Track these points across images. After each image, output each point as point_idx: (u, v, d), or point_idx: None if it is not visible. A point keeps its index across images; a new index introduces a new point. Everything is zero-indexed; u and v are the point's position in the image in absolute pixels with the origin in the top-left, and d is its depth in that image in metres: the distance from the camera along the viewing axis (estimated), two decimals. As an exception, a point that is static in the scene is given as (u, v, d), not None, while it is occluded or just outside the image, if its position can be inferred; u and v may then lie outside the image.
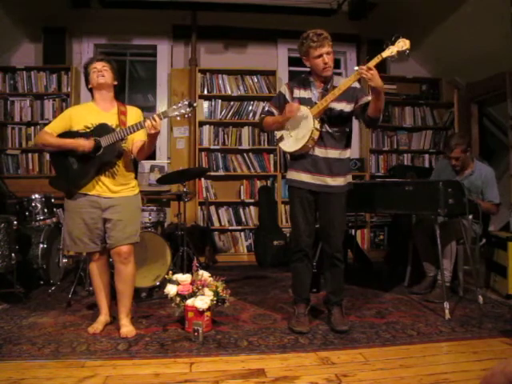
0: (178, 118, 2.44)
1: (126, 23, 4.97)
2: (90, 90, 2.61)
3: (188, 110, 2.37)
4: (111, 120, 2.51)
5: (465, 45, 4.51)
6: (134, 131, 2.42)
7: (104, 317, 2.61)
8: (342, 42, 5.18)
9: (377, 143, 5.30)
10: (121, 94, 5.29)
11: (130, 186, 2.59)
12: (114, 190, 2.51)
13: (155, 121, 2.33)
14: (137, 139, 2.55)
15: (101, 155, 2.44)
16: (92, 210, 2.49)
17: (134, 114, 2.61)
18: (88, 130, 2.47)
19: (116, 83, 2.62)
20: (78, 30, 4.96)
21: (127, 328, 2.50)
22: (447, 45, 4.74)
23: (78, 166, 2.48)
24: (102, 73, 2.52)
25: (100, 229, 2.52)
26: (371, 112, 2.40)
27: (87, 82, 2.60)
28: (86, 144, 2.41)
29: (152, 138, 2.43)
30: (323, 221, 2.59)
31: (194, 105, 2.40)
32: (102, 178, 2.49)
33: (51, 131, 2.51)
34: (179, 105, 2.38)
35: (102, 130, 2.46)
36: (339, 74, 5.26)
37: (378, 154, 5.31)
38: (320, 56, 2.44)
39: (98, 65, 2.54)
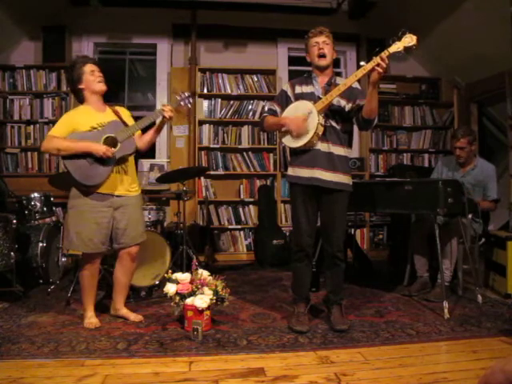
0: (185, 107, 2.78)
1: (125, 22, 4.97)
2: (78, 91, 2.57)
3: (188, 101, 2.69)
4: (110, 119, 2.58)
5: (464, 44, 4.51)
6: (146, 125, 2.55)
7: (93, 312, 2.65)
8: (341, 41, 5.16)
9: (376, 143, 5.31)
10: (120, 93, 5.31)
11: (137, 184, 2.70)
12: (127, 188, 2.59)
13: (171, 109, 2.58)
14: (138, 132, 2.67)
15: (119, 151, 2.50)
16: (105, 209, 2.52)
17: (125, 113, 2.72)
18: (100, 129, 2.51)
19: None
20: (78, 29, 4.95)
21: (134, 314, 2.69)
22: (447, 44, 4.74)
23: (96, 164, 2.47)
24: (102, 78, 2.58)
25: (110, 229, 2.55)
26: (367, 112, 2.40)
27: (77, 81, 2.54)
28: (106, 151, 2.43)
29: (161, 127, 2.65)
30: (325, 220, 2.59)
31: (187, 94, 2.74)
32: (117, 175, 2.54)
33: (59, 135, 2.47)
34: (182, 96, 2.67)
35: (114, 126, 2.53)
36: (338, 74, 5.26)
37: (377, 154, 5.32)
38: (315, 44, 2.53)
39: (96, 68, 2.58)
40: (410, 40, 2.24)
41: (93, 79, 2.54)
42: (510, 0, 3.62)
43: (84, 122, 2.51)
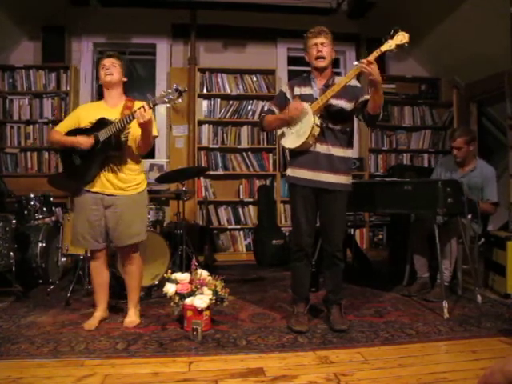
0: (168, 105, 2.51)
1: (125, 22, 4.96)
2: (101, 87, 2.67)
3: (176, 95, 2.36)
4: (114, 115, 2.52)
5: (464, 44, 4.51)
6: (129, 122, 2.43)
7: (99, 312, 2.64)
8: (341, 41, 5.14)
9: (376, 142, 5.31)
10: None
11: (135, 182, 2.60)
12: (118, 186, 2.53)
13: (144, 110, 2.35)
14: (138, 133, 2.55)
15: (100, 149, 2.48)
16: (95, 207, 2.52)
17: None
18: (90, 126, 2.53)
19: (125, 80, 2.65)
20: (77, 29, 4.95)
21: (130, 318, 2.61)
22: (446, 44, 4.74)
23: (81, 162, 2.54)
24: (110, 70, 2.55)
25: (103, 226, 2.54)
26: (371, 108, 2.41)
27: (98, 78, 2.66)
28: (83, 142, 2.46)
29: (144, 128, 2.43)
30: (324, 219, 2.59)
31: (181, 89, 2.37)
32: (106, 173, 2.52)
33: (60, 130, 2.59)
34: (169, 91, 2.38)
35: (100, 124, 2.49)
36: (338, 74, 5.26)
37: (377, 154, 5.32)
38: (314, 45, 2.50)
39: (107, 61, 2.57)
40: (402, 38, 2.24)
41: (102, 73, 2.56)
42: (510, 0, 3.62)
43: (86, 118, 2.55)
